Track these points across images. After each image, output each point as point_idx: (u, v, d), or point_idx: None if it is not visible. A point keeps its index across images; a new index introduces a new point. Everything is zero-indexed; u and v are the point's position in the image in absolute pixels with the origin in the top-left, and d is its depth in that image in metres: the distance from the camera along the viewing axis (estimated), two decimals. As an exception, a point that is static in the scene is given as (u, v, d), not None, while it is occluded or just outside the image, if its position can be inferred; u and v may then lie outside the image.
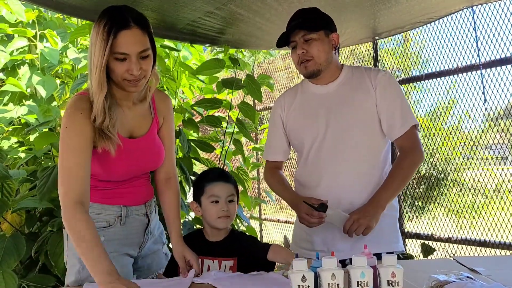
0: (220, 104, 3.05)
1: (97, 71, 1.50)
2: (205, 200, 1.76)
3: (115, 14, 1.52)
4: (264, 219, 5.46)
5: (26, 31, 3.25)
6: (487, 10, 3.02)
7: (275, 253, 1.67)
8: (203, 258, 1.74)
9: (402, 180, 1.89)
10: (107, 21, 1.50)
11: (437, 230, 3.44)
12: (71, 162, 1.54)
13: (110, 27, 1.49)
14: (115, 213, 1.69)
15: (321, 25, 1.92)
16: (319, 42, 1.91)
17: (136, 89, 1.60)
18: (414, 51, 3.82)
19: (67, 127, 1.56)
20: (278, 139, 2.10)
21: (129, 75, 1.54)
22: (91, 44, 1.55)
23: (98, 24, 1.52)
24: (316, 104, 1.99)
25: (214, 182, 1.76)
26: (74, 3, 2.37)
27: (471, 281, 1.34)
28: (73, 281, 1.64)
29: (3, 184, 2.47)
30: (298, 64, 1.94)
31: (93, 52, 1.52)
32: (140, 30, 1.53)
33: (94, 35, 1.52)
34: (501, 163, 3.17)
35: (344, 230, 1.80)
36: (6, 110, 3.18)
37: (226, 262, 1.72)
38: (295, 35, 1.91)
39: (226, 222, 1.74)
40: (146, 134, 1.72)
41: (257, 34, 3.06)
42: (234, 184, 1.80)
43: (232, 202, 1.76)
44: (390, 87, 1.94)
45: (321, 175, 1.94)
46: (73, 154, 1.54)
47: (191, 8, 2.44)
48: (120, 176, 1.68)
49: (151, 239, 1.81)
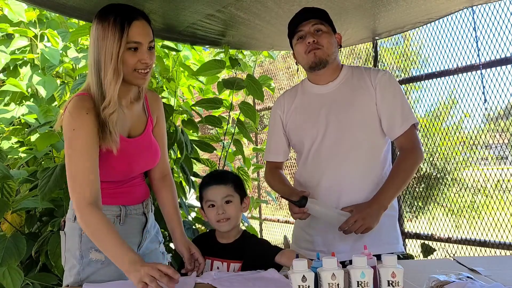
0: (220, 104, 3.05)
1: (112, 61, 1.54)
2: (204, 206, 1.76)
3: (121, 8, 1.59)
4: (264, 219, 5.46)
5: (26, 31, 3.25)
6: (487, 10, 3.02)
7: (284, 257, 1.65)
8: (213, 260, 1.73)
9: (403, 180, 1.89)
10: (116, 15, 1.55)
11: (437, 230, 3.44)
12: (82, 166, 1.54)
13: (122, 19, 1.55)
14: (114, 213, 1.69)
15: (330, 21, 1.97)
16: (328, 35, 1.93)
17: (144, 82, 1.64)
18: (414, 51, 3.82)
19: (74, 130, 1.55)
20: (278, 140, 2.10)
21: (142, 64, 1.58)
22: (96, 39, 1.57)
23: (104, 19, 1.56)
24: (315, 104, 1.99)
25: (208, 186, 1.75)
26: (73, 4, 2.37)
27: (471, 281, 1.34)
28: (73, 282, 1.64)
29: (3, 185, 2.47)
30: (306, 53, 1.93)
31: (102, 46, 1.55)
32: (146, 22, 1.61)
33: (102, 30, 1.55)
34: (501, 163, 3.17)
35: (341, 228, 1.79)
36: (7, 110, 3.18)
37: (234, 265, 1.71)
38: (305, 24, 1.92)
39: (226, 225, 1.72)
40: (143, 133, 1.73)
41: (257, 36, 3.06)
42: (233, 183, 1.76)
43: (229, 202, 1.73)
44: (390, 86, 1.94)
45: (321, 175, 1.94)
46: (83, 157, 1.54)
47: (191, 11, 2.44)
48: (121, 175, 1.69)
49: (148, 238, 1.81)
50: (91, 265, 1.64)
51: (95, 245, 1.58)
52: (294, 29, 1.95)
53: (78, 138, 1.55)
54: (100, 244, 1.50)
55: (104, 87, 1.57)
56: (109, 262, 1.60)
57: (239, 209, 1.76)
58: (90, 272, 1.63)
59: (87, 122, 1.55)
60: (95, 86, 1.58)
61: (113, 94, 1.56)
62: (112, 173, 1.66)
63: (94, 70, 1.58)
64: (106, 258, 1.60)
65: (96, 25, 1.58)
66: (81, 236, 1.64)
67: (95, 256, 1.63)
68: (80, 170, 1.53)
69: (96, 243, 1.51)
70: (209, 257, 1.74)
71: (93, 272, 1.63)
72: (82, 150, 1.54)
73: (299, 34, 1.93)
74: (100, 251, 1.58)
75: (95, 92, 1.58)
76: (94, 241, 1.51)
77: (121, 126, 1.65)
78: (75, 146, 1.55)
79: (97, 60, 1.56)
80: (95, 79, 1.58)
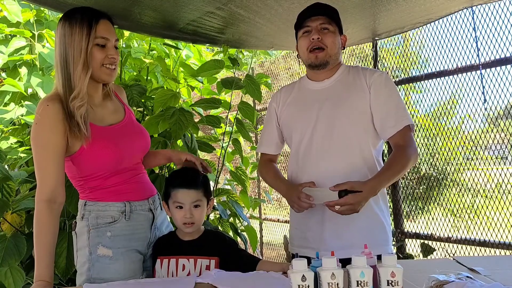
0: (219, 104, 3.05)
1: (82, 55, 1.63)
2: (171, 204, 1.77)
3: (88, 9, 1.70)
4: (264, 219, 5.46)
5: (24, 32, 3.25)
6: (487, 10, 3.02)
7: (264, 266, 1.68)
8: (178, 258, 1.73)
9: (395, 172, 1.86)
10: (83, 14, 1.66)
11: (436, 230, 3.44)
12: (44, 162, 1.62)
13: (89, 17, 1.66)
14: (119, 209, 1.73)
15: (338, 21, 1.97)
16: (334, 35, 1.94)
17: (111, 78, 1.73)
18: (414, 51, 3.81)
19: (37, 124, 1.63)
20: (271, 133, 2.13)
21: (109, 59, 1.68)
22: (63, 36, 1.65)
23: (71, 18, 1.67)
24: (309, 100, 2.00)
25: (177, 188, 1.76)
26: (74, 2, 2.37)
27: (471, 281, 1.34)
28: (85, 279, 1.67)
29: (3, 185, 2.47)
30: (309, 50, 1.94)
31: (70, 42, 1.64)
32: (111, 24, 1.73)
33: (69, 27, 1.65)
34: (501, 163, 3.17)
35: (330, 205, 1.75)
36: (6, 111, 3.17)
37: (202, 261, 1.72)
38: (312, 20, 1.92)
39: (191, 228, 1.74)
40: (124, 118, 1.82)
41: (257, 34, 3.06)
42: (203, 188, 1.77)
43: (197, 207, 1.74)
44: (385, 87, 1.94)
45: (311, 170, 1.94)
46: (47, 153, 1.62)
47: (191, 8, 2.44)
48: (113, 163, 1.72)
49: (159, 235, 1.84)
50: (99, 261, 1.67)
51: (103, 241, 1.65)
52: (302, 22, 1.95)
53: (41, 131, 1.62)
54: (36, 241, 1.58)
55: (73, 81, 1.63)
56: (117, 258, 1.66)
57: (205, 211, 1.79)
58: (99, 269, 1.67)
59: (48, 114, 1.61)
60: (63, 81, 1.64)
61: (82, 86, 1.64)
62: (106, 163, 1.69)
63: (62, 67, 1.65)
64: (114, 254, 1.66)
65: (62, 24, 1.67)
66: (89, 233, 1.70)
67: (103, 251, 1.67)
68: (43, 166, 1.61)
69: (35, 238, 1.58)
70: (174, 256, 1.74)
71: (103, 269, 1.67)
72: (47, 146, 1.61)
73: (306, 29, 1.94)
74: (108, 247, 1.64)
75: (63, 87, 1.64)
76: (34, 235, 1.59)
77: (100, 120, 1.72)
78: (39, 141, 1.62)
79: (65, 56, 1.64)
80: (62, 75, 1.64)
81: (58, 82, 1.66)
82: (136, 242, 1.75)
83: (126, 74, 3.26)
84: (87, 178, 1.71)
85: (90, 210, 1.71)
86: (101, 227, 1.70)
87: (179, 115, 2.66)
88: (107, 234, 1.69)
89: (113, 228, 1.70)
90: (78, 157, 1.66)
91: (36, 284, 1.54)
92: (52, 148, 1.60)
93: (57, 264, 2.30)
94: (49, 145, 1.60)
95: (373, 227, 1.90)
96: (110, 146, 1.69)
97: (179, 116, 2.65)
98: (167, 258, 1.74)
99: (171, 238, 1.81)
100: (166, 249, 1.76)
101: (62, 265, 2.32)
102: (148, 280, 1.69)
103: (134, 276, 1.69)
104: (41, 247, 1.57)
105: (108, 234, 1.68)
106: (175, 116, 2.65)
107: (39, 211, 1.59)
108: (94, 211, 1.71)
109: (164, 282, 1.62)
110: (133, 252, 1.73)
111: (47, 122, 1.61)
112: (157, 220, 1.83)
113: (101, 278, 1.65)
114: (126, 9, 2.39)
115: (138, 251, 1.75)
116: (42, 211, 1.59)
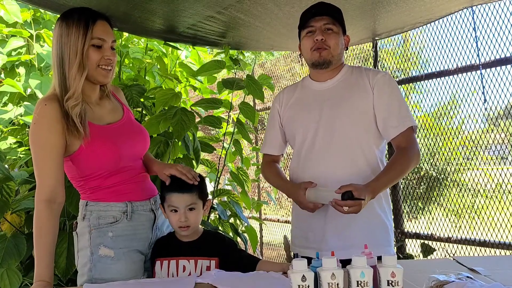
0: (220, 104, 3.05)
1: (77, 56, 1.63)
2: (166, 208, 1.77)
3: (85, 10, 1.69)
4: (264, 219, 5.46)
5: (21, 32, 3.25)
6: (487, 10, 3.02)
7: (264, 266, 1.68)
8: (178, 259, 1.73)
9: (397, 174, 1.87)
10: (80, 14, 1.66)
11: (437, 230, 3.44)
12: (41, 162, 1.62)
13: (86, 17, 1.65)
14: (120, 209, 1.73)
15: (342, 22, 1.96)
16: (337, 35, 1.94)
17: (107, 79, 1.72)
18: (414, 52, 3.81)
19: (35, 123, 1.63)
20: (275, 133, 2.13)
21: (105, 60, 1.67)
22: (60, 36, 1.65)
23: (68, 18, 1.66)
24: (311, 100, 2.00)
25: (171, 192, 1.76)
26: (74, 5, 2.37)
27: (471, 281, 1.34)
28: (86, 280, 1.68)
29: (3, 185, 2.47)
30: (312, 49, 1.93)
31: (66, 42, 1.64)
32: (108, 24, 1.72)
33: (66, 27, 1.64)
34: (501, 163, 3.17)
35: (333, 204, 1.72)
36: (5, 111, 3.17)
37: (202, 262, 1.72)
38: (316, 20, 1.92)
39: (187, 231, 1.74)
40: (123, 117, 1.82)
41: (258, 38, 3.06)
42: (197, 190, 1.76)
43: (192, 210, 1.74)
44: (388, 87, 1.94)
45: (313, 170, 1.94)
46: (45, 152, 1.62)
47: (191, 12, 2.44)
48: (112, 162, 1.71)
49: (160, 235, 1.84)
50: (101, 261, 1.67)
51: (104, 241, 1.65)
52: (306, 22, 1.95)
53: (40, 131, 1.62)
54: (36, 241, 1.58)
55: (68, 81, 1.63)
56: (119, 258, 1.66)
57: (201, 213, 1.79)
58: (101, 269, 1.67)
59: (46, 114, 1.61)
60: (59, 81, 1.65)
61: (77, 87, 1.63)
62: (105, 161, 1.70)
63: (58, 67, 1.65)
64: (115, 254, 1.66)
65: (60, 24, 1.67)
66: (90, 233, 1.70)
67: (104, 252, 1.67)
68: (41, 165, 1.62)
69: (35, 238, 1.58)
70: (174, 257, 1.74)
71: (104, 269, 1.67)
72: (45, 145, 1.61)
73: (309, 29, 1.93)
74: (109, 247, 1.65)
75: (60, 87, 1.65)
76: (34, 235, 1.59)
77: (98, 119, 1.72)
78: (38, 141, 1.63)
79: (61, 56, 1.64)
80: (59, 75, 1.65)
81: (55, 81, 1.66)
82: (137, 243, 1.75)
83: (124, 74, 3.26)
84: (87, 178, 1.71)
85: (92, 210, 1.71)
86: (102, 227, 1.70)
87: (181, 115, 2.65)
88: (108, 234, 1.69)
89: (115, 228, 1.70)
90: (78, 156, 1.66)
91: (36, 284, 1.54)
92: (51, 148, 1.60)
93: (57, 264, 2.30)
94: (48, 144, 1.60)
95: (375, 228, 1.90)
96: (109, 145, 1.69)
97: (181, 116, 2.64)
98: (167, 259, 1.74)
99: (170, 239, 1.81)
100: (165, 250, 1.76)
101: (62, 265, 2.32)
102: (148, 280, 1.68)
103: (135, 276, 1.69)
104: (41, 247, 1.57)
105: (109, 234, 1.68)
106: (177, 116, 2.64)
107: (39, 211, 1.59)
108: (95, 211, 1.71)
109: (164, 282, 1.62)
110: (135, 252, 1.73)
111: (45, 121, 1.61)
112: (158, 220, 1.83)
113: (103, 278, 1.65)
114: (126, 13, 2.39)
115: (140, 251, 1.75)
116: (41, 211, 1.59)
